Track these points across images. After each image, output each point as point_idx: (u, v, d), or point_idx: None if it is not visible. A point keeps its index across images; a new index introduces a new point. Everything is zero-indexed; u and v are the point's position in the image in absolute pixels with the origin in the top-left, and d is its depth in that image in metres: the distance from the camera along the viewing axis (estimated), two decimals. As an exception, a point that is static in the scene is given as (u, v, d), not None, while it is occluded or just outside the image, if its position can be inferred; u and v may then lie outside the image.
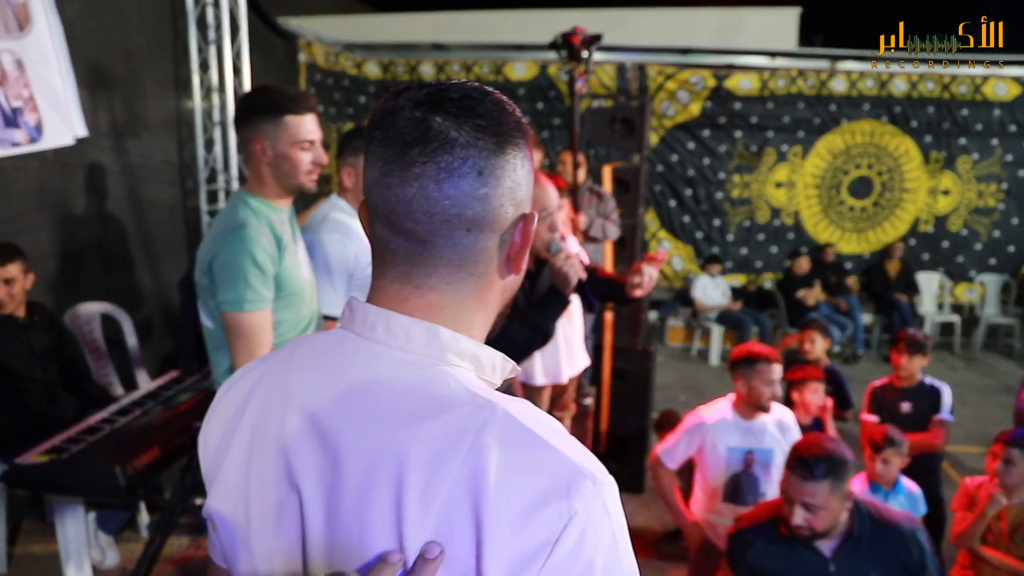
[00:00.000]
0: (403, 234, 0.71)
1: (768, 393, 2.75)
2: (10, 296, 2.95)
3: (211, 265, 1.91)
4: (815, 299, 7.15)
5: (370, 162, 0.73)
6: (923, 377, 3.54)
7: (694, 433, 2.86)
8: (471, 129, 0.69)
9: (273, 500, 0.72)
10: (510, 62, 7.32)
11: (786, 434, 2.82)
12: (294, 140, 1.93)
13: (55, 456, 2.56)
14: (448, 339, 0.72)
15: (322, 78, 7.05)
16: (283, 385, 0.75)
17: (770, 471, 2.79)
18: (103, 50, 3.83)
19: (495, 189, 0.71)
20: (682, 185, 7.57)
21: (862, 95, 7.23)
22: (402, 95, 0.71)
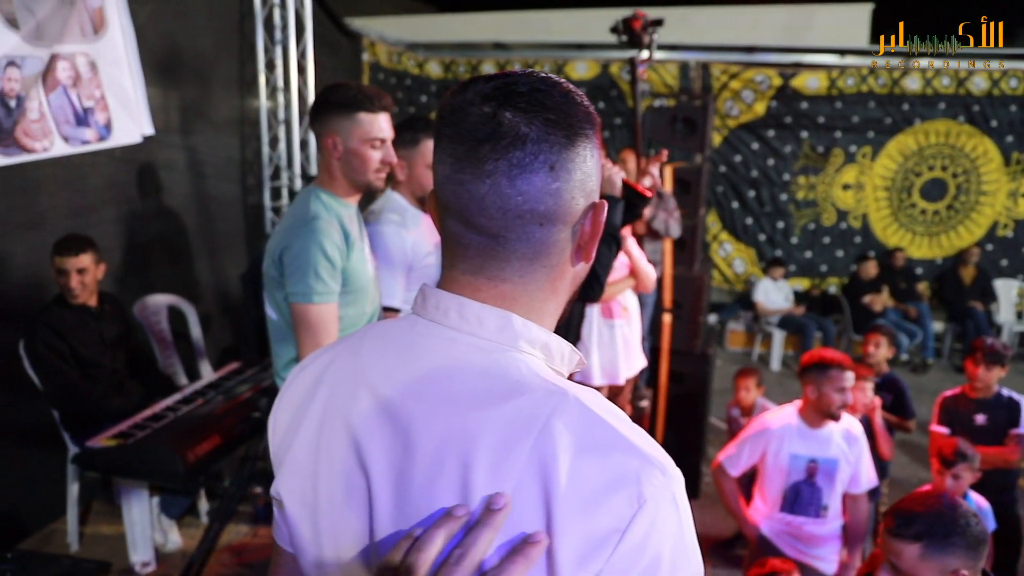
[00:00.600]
0: (476, 229, 0.72)
1: (839, 401, 2.66)
2: (83, 285, 3.07)
3: (281, 256, 1.95)
4: (882, 305, 6.90)
5: (440, 158, 0.73)
6: (1000, 389, 3.37)
7: (758, 439, 2.79)
8: (542, 124, 0.69)
9: (341, 481, 0.73)
10: (571, 61, 7.28)
11: (852, 445, 2.72)
12: (365, 137, 1.96)
13: (122, 441, 2.66)
14: (520, 326, 0.72)
15: (385, 77, 7.14)
16: (354, 369, 0.76)
17: (834, 482, 2.71)
18: (173, 52, 3.96)
19: (567, 183, 0.71)
20: (745, 186, 7.41)
21: (938, 94, 6.94)
22: (469, 89, 0.71)
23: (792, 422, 2.77)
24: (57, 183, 3.36)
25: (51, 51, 2.75)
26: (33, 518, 3.38)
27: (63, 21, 2.78)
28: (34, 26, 2.67)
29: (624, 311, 2.93)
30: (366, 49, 6.77)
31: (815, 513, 2.70)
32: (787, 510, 2.75)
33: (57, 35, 2.76)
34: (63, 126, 2.82)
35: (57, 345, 3.02)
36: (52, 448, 3.18)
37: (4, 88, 2.63)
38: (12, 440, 3.24)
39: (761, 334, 7.30)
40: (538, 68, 7.17)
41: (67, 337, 3.05)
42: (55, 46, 2.77)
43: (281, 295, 1.99)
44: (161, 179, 4.00)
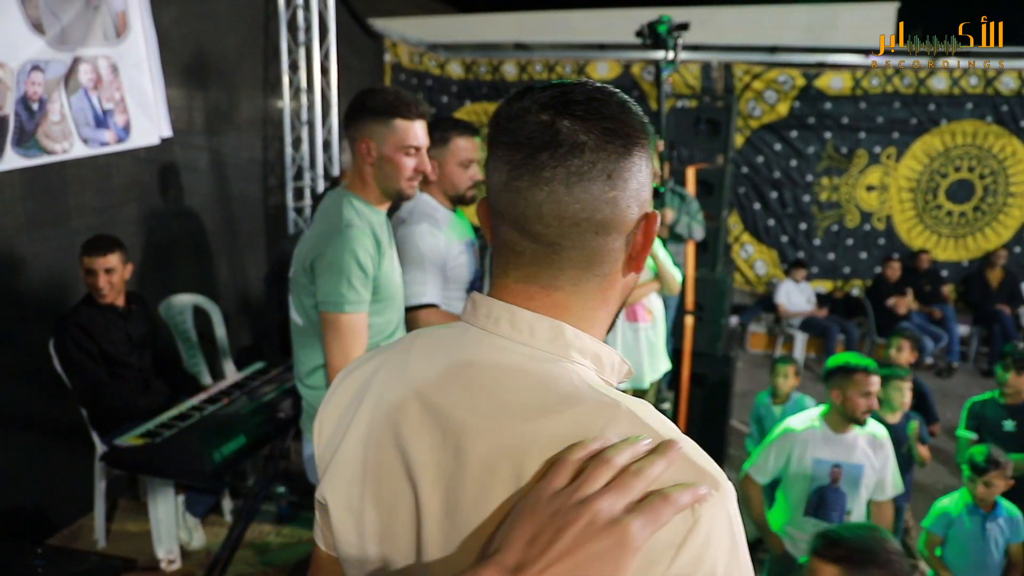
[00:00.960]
0: (531, 237, 0.72)
1: (864, 405, 2.64)
2: (110, 285, 3.11)
3: (313, 264, 1.93)
4: (907, 308, 6.82)
5: (496, 166, 0.73)
6: None
7: (783, 444, 2.77)
8: (600, 132, 0.69)
9: (389, 488, 0.73)
10: (593, 62, 7.26)
11: (878, 451, 2.69)
12: (400, 144, 1.94)
13: (149, 440, 2.68)
14: (572, 336, 0.72)
15: (406, 78, 7.16)
16: (403, 375, 0.76)
17: (858, 488, 2.68)
18: (197, 53, 4.00)
19: (623, 191, 0.71)
20: (767, 187, 7.35)
21: (965, 93, 6.84)
22: (526, 97, 0.72)
23: (816, 426, 2.75)
24: (82, 183, 3.41)
25: (74, 54, 2.78)
26: (61, 514, 3.43)
27: (87, 25, 2.80)
28: (59, 31, 2.69)
29: (649, 314, 2.91)
30: (388, 50, 6.80)
31: (839, 518, 2.67)
32: (811, 514, 2.73)
33: (81, 39, 2.78)
34: (83, 128, 2.84)
35: (86, 344, 3.06)
36: (80, 445, 3.23)
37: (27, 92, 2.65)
38: (41, 437, 3.29)
39: (783, 336, 7.24)
40: (559, 68, 7.24)
41: (95, 336, 3.09)
42: (78, 49, 2.79)
43: (310, 302, 1.97)
44: (184, 179, 4.04)
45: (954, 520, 2.95)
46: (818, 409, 2.81)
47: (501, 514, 0.65)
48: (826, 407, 2.77)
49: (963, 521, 2.89)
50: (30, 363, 3.18)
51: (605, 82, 3.42)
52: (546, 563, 0.57)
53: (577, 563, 0.57)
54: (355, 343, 1.93)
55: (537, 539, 0.59)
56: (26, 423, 3.23)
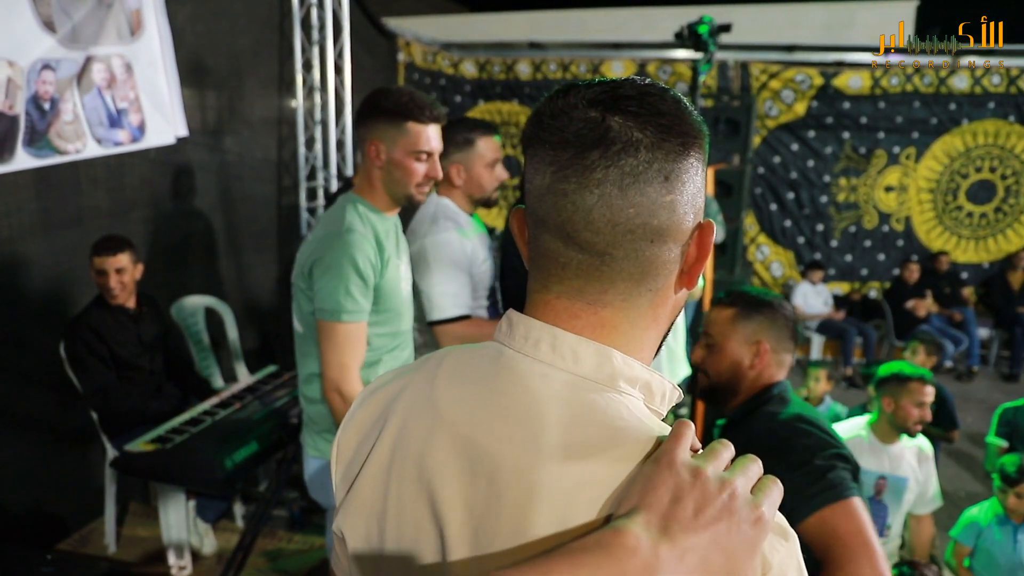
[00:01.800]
0: (578, 246, 0.64)
1: (917, 415, 2.57)
2: (121, 285, 3.07)
3: (312, 268, 1.87)
4: (926, 310, 6.71)
5: (538, 167, 0.66)
6: None
7: None
8: (655, 130, 0.62)
9: (411, 524, 0.66)
10: (607, 61, 7.19)
11: (923, 464, 2.62)
12: (411, 148, 1.86)
13: (160, 445, 2.64)
14: (621, 364, 0.65)
15: (420, 77, 7.12)
16: (430, 400, 0.69)
17: (900, 501, 2.60)
18: (211, 52, 3.96)
19: (680, 195, 0.64)
20: (784, 188, 7.25)
21: (987, 92, 6.72)
22: (571, 93, 0.65)
23: (863, 435, 2.67)
24: (94, 183, 3.37)
25: (87, 53, 2.74)
26: (72, 518, 3.40)
27: (100, 23, 2.77)
28: (70, 29, 2.66)
29: (668, 319, 2.85)
30: (401, 49, 6.76)
31: (879, 532, 2.60)
32: None
33: (93, 37, 2.75)
34: (96, 128, 2.80)
35: (96, 347, 3.03)
36: (91, 449, 3.20)
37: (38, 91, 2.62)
38: (52, 441, 3.26)
39: (799, 339, 7.14)
40: (574, 68, 7.18)
41: (106, 339, 3.06)
42: (91, 48, 2.76)
43: (309, 308, 1.91)
44: (197, 180, 4.00)
45: (983, 530, 2.87)
46: (864, 418, 2.74)
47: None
48: (874, 416, 2.70)
49: (993, 532, 2.82)
50: (40, 366, 3.15)
51: None
52: (694, 528, 0.53)
53: (720, 535, 0.54)
54: (353, 354, 1.86)
55: (681, 502, 0.54)
56: (36, 426, 3.20)
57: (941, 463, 4.49)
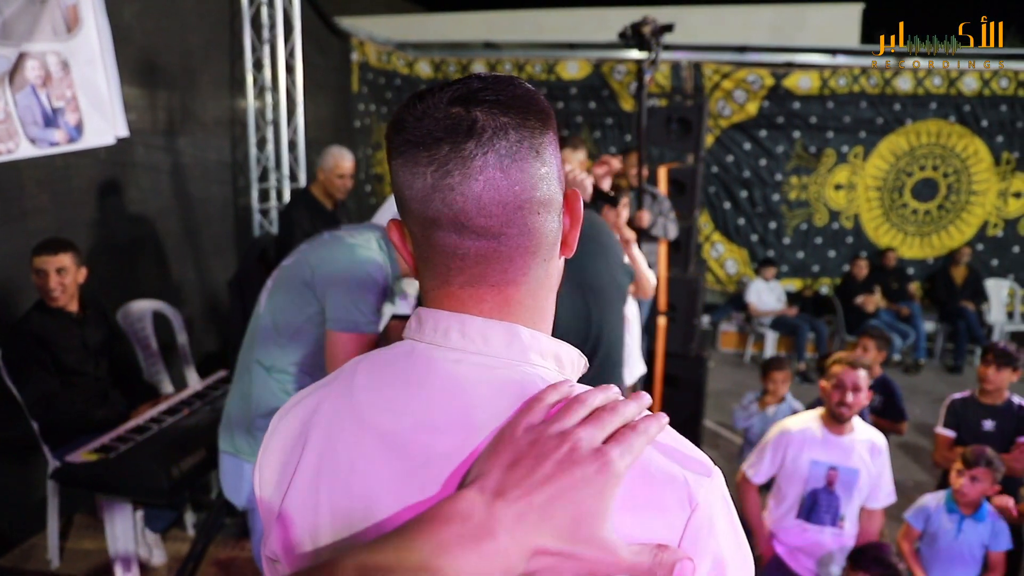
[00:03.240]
0: (475, 233, 0.67)
1: (836, 397, 2.61)
2: (62, 287, 2.97)
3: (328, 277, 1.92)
4: (875, 305, 6.88)
5: (415, 171, 0.66)
6: (1011, 396, 3.32)
7: (778, 445, 2.74)
8: (516, 112, 0.66)
9: (348, 536, 0.66)
10: (563, 61, 7.23)
11: (876, 458, 2.67)
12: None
13: (104, 455, 2.56)
14: (528, 338, 0.68)
15: (374, 77, 7.06)
16: (350, 408, 0.69)
17: (852, 493, 2.65)
18: (161, 50, 3.87)
19: (551, 167, 0.69)
20: (737, 187, 7.37)
21: (929, 94, 6.92)
22: (427, 97, 0.67)
23: (813, 427, 2.72)
24: (39, 185, 3.26)
25: (19, 49, 2.65)
26: (13, 532, 3.27)
27: (33, 19, 2.67)
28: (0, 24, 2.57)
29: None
30: (355, 48, 6.69)
31: (832, 522, 2.65)
32: (803, 517, 2.70)
33: (26, 33, 2.66)
34: (30, 127, 2.71)
35: (37, 353, 2.92)
36: (31, 460, 3.08)
37: (-31, 89, 2.53)
38: (-10, 452, 3.14)
39: (754, 335, 7.27)
40: (529, 68, 7.18)
41: (48, 344, 2.95)
42: (24, 44, 2.67)
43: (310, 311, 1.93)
44: (147, 181, 3.90)
45: (931, 515, 2.94)
46: (816, 411, 2.79)
47: None
48: (823, 407, 2.75)
49: (941, 518, 2.89)
50: (-23, 374, 3.03)
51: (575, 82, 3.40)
52: (529, 487, 0.55)
53: (561, 489, 0.55)
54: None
55: (518, 465, 0.57)
56: (-27, 438, 3.08)
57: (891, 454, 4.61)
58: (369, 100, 6.97)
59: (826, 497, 2.65)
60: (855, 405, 2.63)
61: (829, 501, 2.64)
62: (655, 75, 6.94)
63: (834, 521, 2.65)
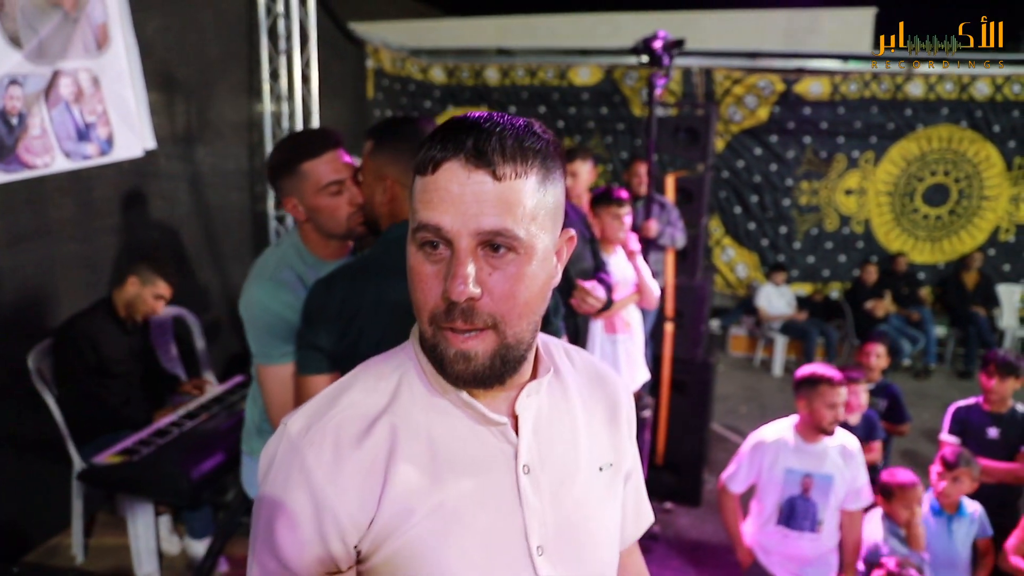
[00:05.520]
0: None
1: (830, 416, 2.67)
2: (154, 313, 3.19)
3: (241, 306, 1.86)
4: (885, 310, 6.91)
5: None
6: (1015, 404, 3.37)
7: (754, 454, 2.81)
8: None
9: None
10: (575, 67, 7.30)
11: (849, 461, 2.73)
12: (318, 187, 1.74)
13: (127, 458, 2.67)
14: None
15: (389, 83, 7.16)
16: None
17: (828, 498, 2.72)
18: (181, 63, 3.98)
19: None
20: (748, 191, 7.42)
21: (940, 99, 6.94)
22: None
23: (787, 436, 2.78)
24: (63, 195, 3.38)
25: (54, 68, 2.77)
26: (38, 530, 3.40)
27: (66, 38, 2.79)
28: (36, 44, 2.68)
29: (627, 326, 2.94)
30: (370, 55, 6.79)
31: (810, 528, 2.71)
32: (783, 523, 2.76)
33: (60, 52, 2.77)
34: (65, 142, 2.83)
35: (87, 355, 3.04)
36: (56, 460, 3.20)
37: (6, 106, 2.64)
38: (16, 453, 3.26)
39: (764, 340, 7.31)
40: (541, 73, 7.25)
41: (98, 348, 3.08)
42: (58, 63, 2.78)
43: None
44: (167, 189, 4.02)
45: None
46: (790, 419, 2.84)
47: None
48: (797, 417, 2.81)
49: (929, 523, 2.95)
50: (6, 378, 3.15)
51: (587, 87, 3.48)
52: None
53: None
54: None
55: None
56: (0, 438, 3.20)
57: (896, 460, 4.65)
58: (384, 106, 7.08)
59: (803, 504, 2.71)
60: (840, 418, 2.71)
61: (806, 507, 2.71)
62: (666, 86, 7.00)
63: (813, 527, 2.71)
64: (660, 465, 4.51)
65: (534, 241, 0.76)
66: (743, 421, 5.90)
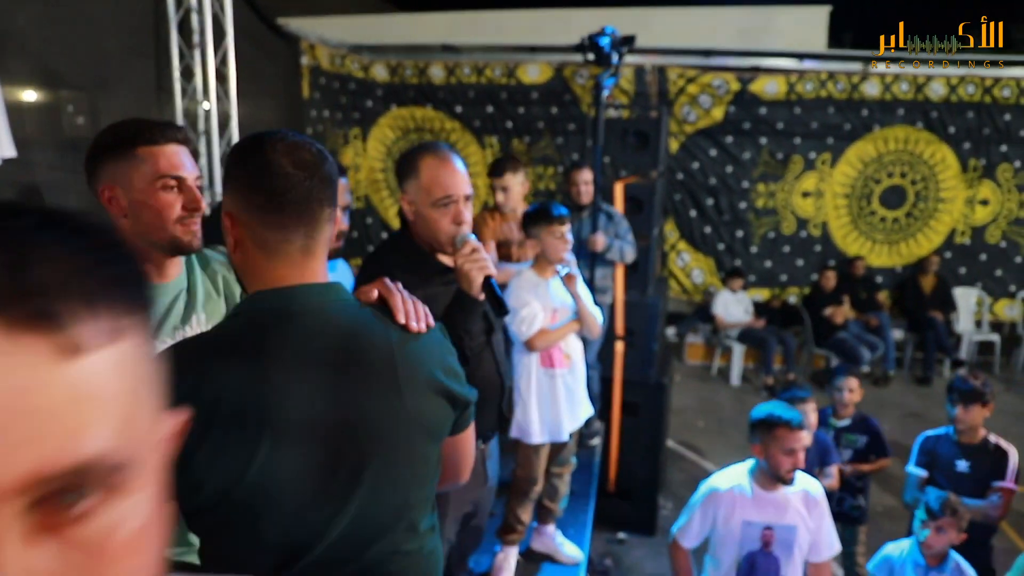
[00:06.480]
0: None
1: (788, 464, 2.36)
2: None
3: None
4: (843, 317, 6.72)
5: None
6: (988, 435, 3.10)
7: (707, 505, 2.50)
8: None
9: None
10: (523, 64, 6.97)
11: (812, 509, 2.44)
12: (153, 176, 1.44)
13: None
14: None
15: (327, 82, 6.76)
16: None
17: (792, 551, 2.42)
18: (65, 58, 3.53)
19: None
20: (703, 194, 7.17)
21: (896, 99, 6.77)
22: None
23: (744, 484, 2.48)
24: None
25: None
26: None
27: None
28: None
29: (567, 358, 2.61)
30: (305, 52, 6.39)
31: None
32: None
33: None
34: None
35: None
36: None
37: None
38: None
39: (720, 347, 7.08)
40: (488, 71, 6.91)
41: None
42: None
43: None
44: (52, 202, 3.56)
45: (895, 569, 2.75)
46: (746, 464, 2.54)
47: None
48: (754, 462, 2.51)
49: (905, 570, 2.70)
50: None
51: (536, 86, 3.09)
52: None
53: None
54: None
55: None
56: None
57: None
58: (322, 106, 6.67)
59: (764, 559, 2.41)
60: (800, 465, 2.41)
61: (768, 563, 2.40)
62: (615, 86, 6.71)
63: None
64: (612, 493, 4.22)
65: None
66: (700, 436, 5.65)
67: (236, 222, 1.08)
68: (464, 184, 1.81)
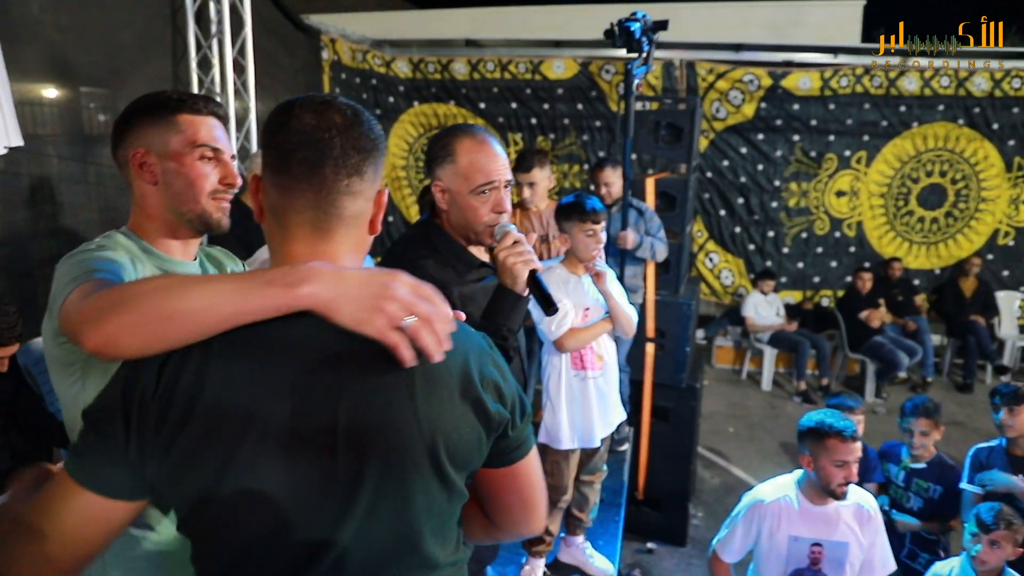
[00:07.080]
0: None
1: (840, 477, 2.18)
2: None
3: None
4: (880, 321, 6.46)
5: None
6: None
7: (751, 518, 2.31)
8: None
9: None
10: (548, 60, 6.79)
11: (865, 525, 2.24)
12: (191, 143, 1.34)
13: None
14: None
15: (348, 77, 6.65)
16: None
17: (842, 570, 2.23)
18: (80, 49, 3.41)
19: None
20: (733, 193, 6.95)
21: (937, 95, 6.51)
22: None
23: (791, 495, 2.29)
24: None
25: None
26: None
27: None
28: None
29: (599, 360, 2.44)
30: (326, 46, 6.28)
31: None
32: None
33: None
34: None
35: None
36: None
37: None
38: None
39: (751, 351, 6.86)
40: (512, 67, 6.74)
41: None
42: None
43: None
44: (61, 195, 3.43)
45: (947, 587, 2.55)
46: (792, 475, 2.35)
47: None
48: (802, 473, 2.32)
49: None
50: None
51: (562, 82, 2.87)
52: None
53: None
54: None
55: None
56: None
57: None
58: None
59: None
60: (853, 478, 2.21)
61: None
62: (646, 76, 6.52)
63: None
64: (642, 500, 4.04)
65: None
66: (730, 443, 5.44)
67: (259, 185, 0.97)
68: (505, 169, 1.65)
